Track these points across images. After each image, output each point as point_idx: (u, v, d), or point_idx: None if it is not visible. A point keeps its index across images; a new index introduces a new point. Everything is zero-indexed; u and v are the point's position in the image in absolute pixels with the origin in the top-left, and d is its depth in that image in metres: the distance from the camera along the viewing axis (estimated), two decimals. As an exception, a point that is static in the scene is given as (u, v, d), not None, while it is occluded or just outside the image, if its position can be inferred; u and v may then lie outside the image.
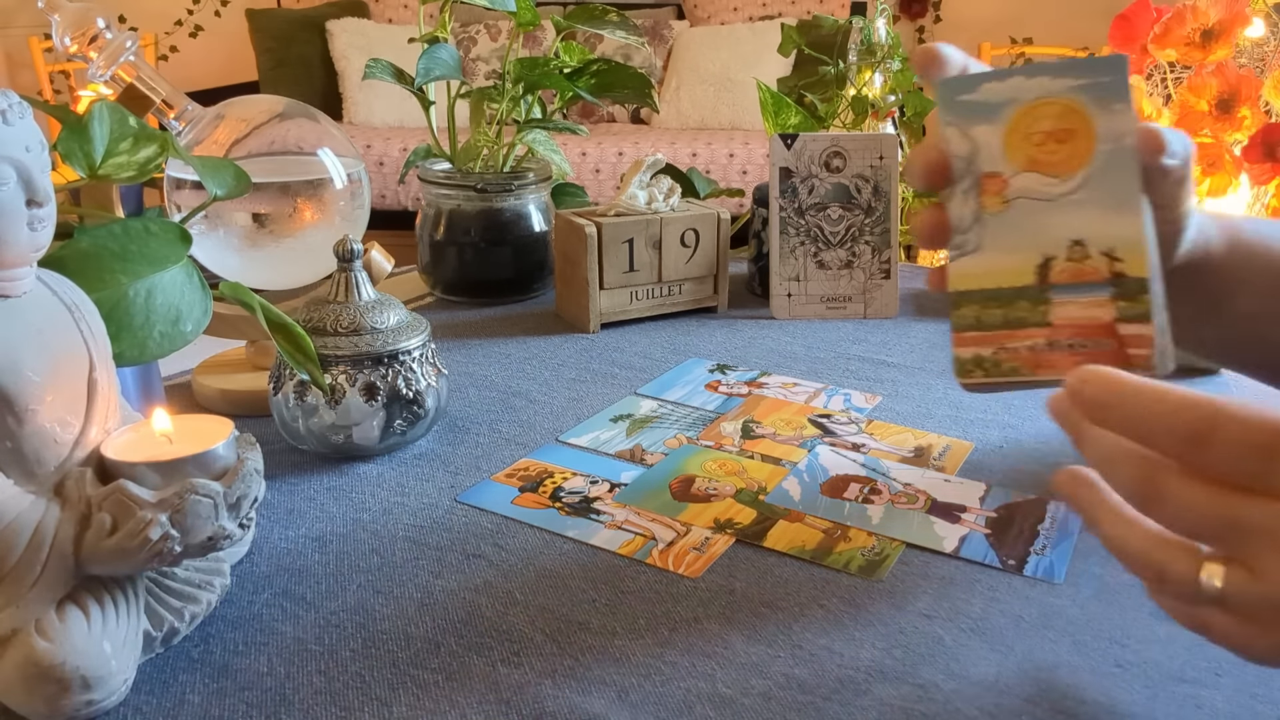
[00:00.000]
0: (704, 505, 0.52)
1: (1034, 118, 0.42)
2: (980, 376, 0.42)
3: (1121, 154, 0.41)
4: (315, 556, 0.47)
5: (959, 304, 0.42)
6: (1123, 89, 0.42)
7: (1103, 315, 0.40)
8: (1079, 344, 0.40)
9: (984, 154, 0.43)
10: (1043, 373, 0.41)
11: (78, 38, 0.59)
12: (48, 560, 0.36)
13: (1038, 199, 0.42)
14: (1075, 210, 0.41)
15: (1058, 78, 0.42)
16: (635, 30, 0.85)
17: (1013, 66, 0.43)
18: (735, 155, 3.33)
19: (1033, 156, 0.42)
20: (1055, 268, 0.41)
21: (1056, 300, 0.41)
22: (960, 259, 0.43)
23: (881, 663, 0.40)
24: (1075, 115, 0.42)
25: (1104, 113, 0.42)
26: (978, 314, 0.42)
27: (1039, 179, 0.42)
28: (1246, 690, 0.38)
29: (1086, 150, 0.42)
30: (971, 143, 0.43)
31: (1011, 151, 0.42)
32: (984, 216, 0.42)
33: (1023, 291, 0.41)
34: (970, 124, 0.43)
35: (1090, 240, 0.41)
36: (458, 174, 0.85)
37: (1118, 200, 0.41)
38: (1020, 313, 0.41)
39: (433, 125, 0.85)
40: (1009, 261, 0.42)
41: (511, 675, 0.39)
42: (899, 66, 0.94)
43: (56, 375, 0.37)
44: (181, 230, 0.48)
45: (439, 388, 0.58)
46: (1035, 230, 0.42)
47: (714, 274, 0.83)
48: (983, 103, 0.43)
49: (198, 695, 0.38)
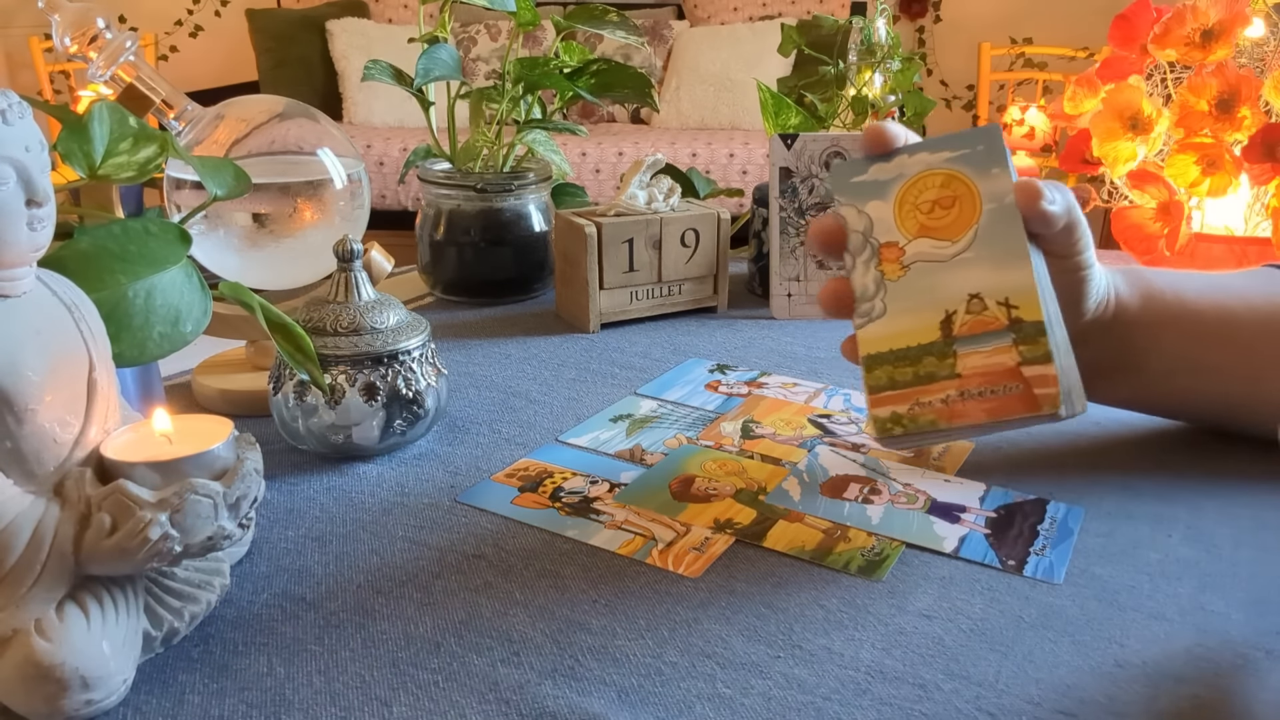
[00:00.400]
0: (704, 505, 0.52)
1: (920, 189, 0.46)
2: (899, 433, 0.44)
3: (1004, 211, 0.45)
4: (315, 556, 0.47)
5: (871, 367, 0.45)
6: (998, 155, 0.45)
7: (1007, 361, 0.43)
8: (988, 390, 0.43)
9: (879, 226, 0.46)
10: (958, 421, 0.43)
11: (78, 38, 0.59)
12: (47, 560, 0.36)
13: (933, 261, 0.45)
14: (969, 267, 0.44)
15: (936, 152, 0.46)
16: (635, 30, 0.85)
17: (896, 149, 0.47)
18: (735, 155, 3.33)
19: (923, 224, 0.46)
20: (957, 321, 0.44)
21: (962, 352, 0.43)
22: (867, 325, 0.45)
23: (881, 663, 0.40)
24: (957, 183, 0.46)
25: (983, 177, 0.45)
26: (890, 374, 0.44)
27: (932, 243, 0.45)
28: (1246, 690, 0.38)
29: (972, 212, 0.45)
30: (867, 218, 0.47)
31: (903, 221, 0.46)
32: (885, 283, 0.45)
33: (929, 348, 0.44)
34: (864, 201, 0.47)
35: (986, 292, 0.44)
36: (458, 174, 0.85)
37: (1006, 253, 0.44)
38: (929, 368, 0.44)
39: (432, 125, 0.85)
40: (913, 321, 0.44)
41: (511, 675, 0.39)
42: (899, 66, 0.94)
43: (56, 375, 0.37)
44: (181, 231, 0.48)
45: (439, 388, 0.58)
46: (934, 289, 0.44)
47: (714, 274, 0.83)
48: (873, 181, 0.47)
49: (198, 695, 0.38)
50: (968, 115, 4.00)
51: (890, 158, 0.47)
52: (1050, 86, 3.69)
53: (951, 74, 4.01)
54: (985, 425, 0.43)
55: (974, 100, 3.93)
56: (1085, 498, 0.53)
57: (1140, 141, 0.82)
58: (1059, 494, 0.53)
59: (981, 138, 0.46)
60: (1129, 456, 0.58)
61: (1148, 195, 0.82)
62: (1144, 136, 0.81)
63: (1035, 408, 0.42)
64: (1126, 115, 0.82)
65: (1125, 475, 0.55)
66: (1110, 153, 0.83)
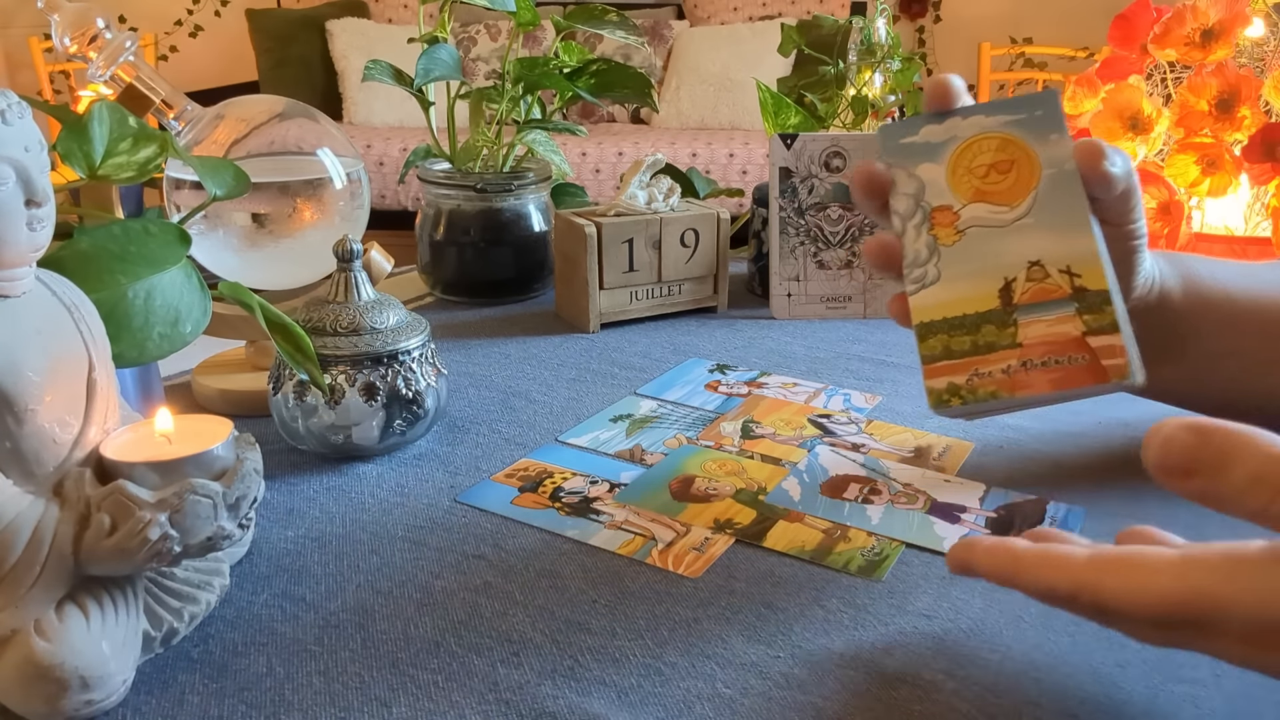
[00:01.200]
0: (704, 505, 0.52)
1: (975, 152, 0.44)
2: (957, 404, 0.42)
3: (1065, 176, 0.43)
4: (315, 556, 0.47)
5: (925, 336, 0.43)
6: (1057, 121, 0.44)
7: (1071, 330, 0.41)
8: (1052, 360, 0.41)
9: (931, 189, 0.44)
10: (1020, 392, 0.41)
11: (77, 38, 0.59)
12: (47, 560, 0.36)
13: (990, 226, 0.43)
14: (1028, 233, 0.43)
15: (992, 115, 0.45)
16: (635, 30, 0.85)
17: (948, 111, 0.45)
18: (735, 155, 3.33)
19: (979, 188, 0.44)
20: (1017, 289, 0.42)
21: (1023, 321, 0.41)
22: (921, 291, 0.43)
23: (881, 663, 0.40)
24: (1014, 147, 0.44)
25: (1041, 143, 0.44)
26: (945, 343, 0.42)
27: (988, 208, 0.43)
28: (1246, 690, 0.38)
29: (1030, 177, 0.43)
30: (917, 180, 0.45)
31: (957, 185, 0.44)
32: (940, 248, 0.44)
33: (988, 316, 0.42)
34: (914, 164, 0.45)
35: (1047, 260, 0.42)
36: (457, 174, 0.85)
37: (1068, 220, 0.42)
38: (989, 337, 0.42)
39: (432, 125, 0.85)
40: (970, 288, 0.43)
41: (511, 675, 0.39)
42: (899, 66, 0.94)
43: (56, 375, 0.37)
44: (181, 231, 0.48)
45: (439, 388, 0.58)
46: (992, 256, 0.43)
47: (714, 274, 0.83)
48: (924, 144, 0.45)
49: (197, 695, 0.38)
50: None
51: (942, 119, 0.45)
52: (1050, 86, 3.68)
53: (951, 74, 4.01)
54: (1049, 396, 0.41)
55: (974, 100, 3.92)
56: (1085, 498, 0.53)
57: (1140, 141, 0.82)
58: (1059, 494, 0.53)
59: (1040, 103, 0.44)
60: (1129, 456, 0.58)
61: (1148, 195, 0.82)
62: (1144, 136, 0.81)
63: (1103, 378, 0.40)
64: (1126, 115, 0.82)
65: (1126, 475, 0.55)
66: (1110, 153, 0.83)
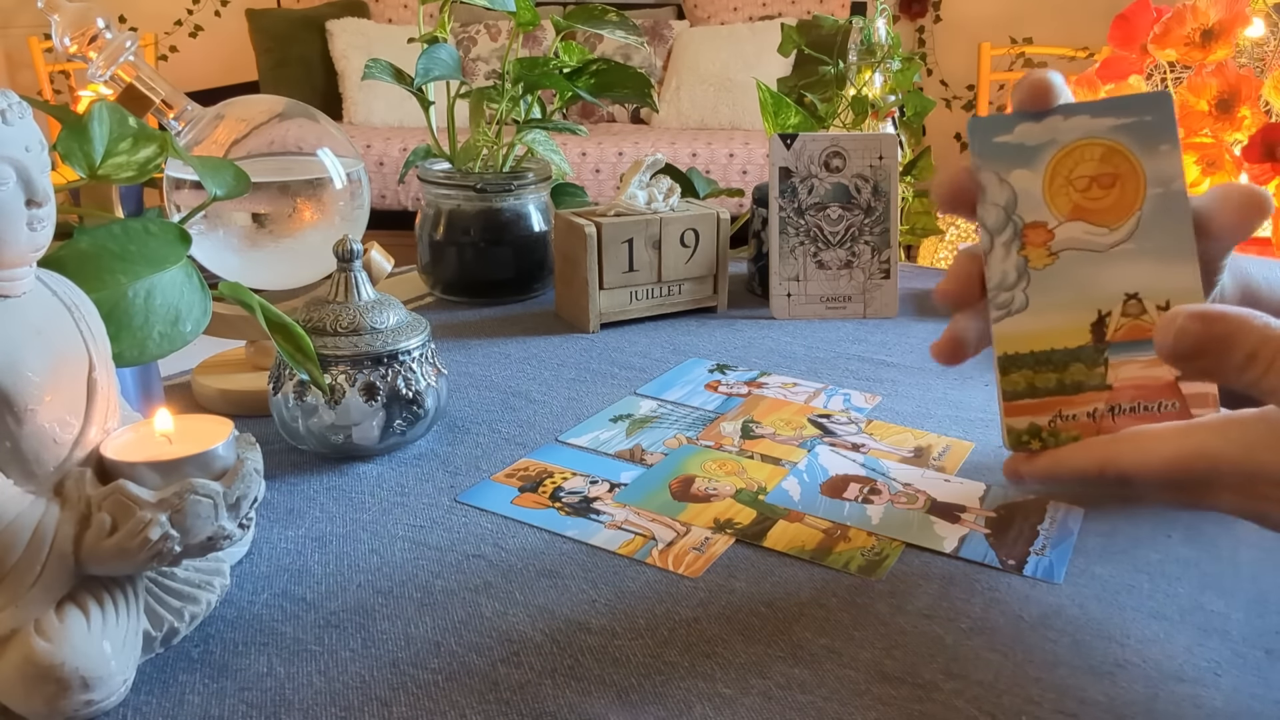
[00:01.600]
0: (704, 505, 0.52)
1: (1076, 160, 0.39)
2: (1037, 446, 0.39)
3: (1171, 198, 0.38)
4: (315, 556, 0.47)
5: (1007, 369, 0.39)
6: (1168, 128, 0.39)
7: (1165, 374, 0.37)
8: (1142, 406, 0.38)
9: (1025, 201, 0.40)
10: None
11: (77, 38, 0.59)
12: (47, 560, 0.36)
13: (1087, 250, 0.39)
14: (1127, 261, 0.38)
15: (1097, 117, 0.40)
16: (635, 30, 0.85)
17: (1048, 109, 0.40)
18: (735, 155, 3.33)
19: (1078, 204, 0.39)
20: (1111, 324, 0.38)
21: (1114, 361, 0.38)
22: (1005, 319, 0.39)
23: (881, 663, 0.40)
24: (1119, 158, 0.39)
25: (1150, 155, 0.39)
26: (1030, 379, 0.39)
27: (1086, 228, 0.39)
28: (1246, 690, 0.38)
29: (1134, 195, 0.39)
30: (1010, 190, 0.40)
31: (1054, 199, 0.39)
32: (1029, 271, 0.39)
33: (1077, 353, 0.38)
34: (1007, 168, 0.40)
35: (1145, 293, 0.38)
36: (457, 174, 0.85)
37: (1171, 249, 0.38)
38: (1077, 376, 0.38)
39: (432, 125, 0.85)
40: (1060, 320, 0.39)
41: (511, 675, 0.39)
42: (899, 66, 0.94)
43: (56, 375, 0.37)
44: (181, 230, 0.48)
45: (439, 388, 0.58)
46: (1087, 285, 0.39)
47: (714, 274, 0.83)
48: (1019, 145, 0.40)
49: (198, 695, 0.38)
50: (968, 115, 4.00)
51: (1041, 118, 0.40)
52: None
53: (951, 74, 4.01)
54: None
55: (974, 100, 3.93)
56: (1085, 497, 0.53)
57: (1140, 141, 0.82)
58: (1059, 494, 0.53)
59: (1151, 106, 0.39)
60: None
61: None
62: (1144, 136, 0.81)
63: None
64: (1126, 115, 0.82)
65: (1125, 475, 0.55)
66: (1110, 153, 0.83)
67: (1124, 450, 0.37)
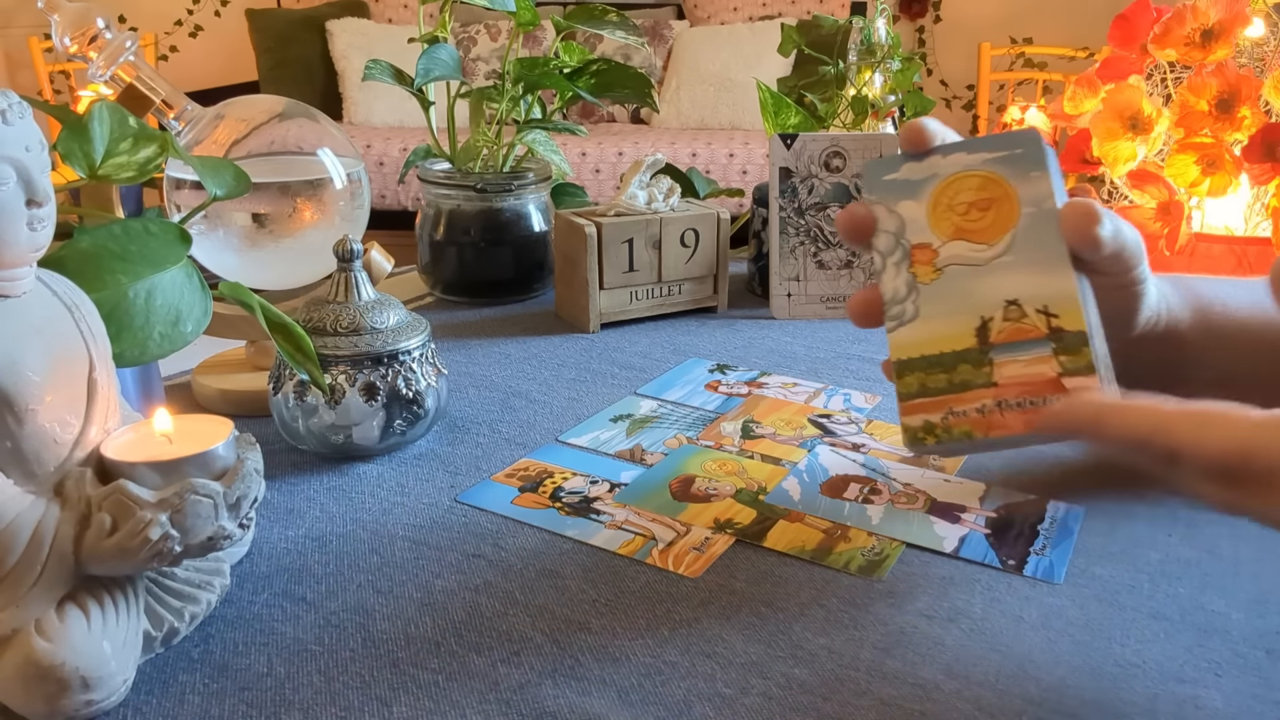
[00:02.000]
0: (704, 505, 0.52)
1: (955, 190, 0.44)
2: (932, 443, 0.42)
3: (1044, 215, 0.43)
4: (315, 556, 0.47)
5: (902, 373, 0.43)
6: (1039, 159, 0.44)
7: (1047, 371, 0.41)
8: (1027, 401, 0.41)
9: (911, 227, 0.45)
10: (995, 433, 0.41)
11: (77, 38, 0.59)
12: (48, 560, 0.36)
13: (969, 264, 0.43)
14: (1006, 272, 0.42)
15: (973, 153, 0.44)
16: (635, 30, 0.85)
17: (931, 148, 0.45)
18: (735, 155, 3.33)
19: (958, 226, 0.44)
20: (994, 328, 0.42)
21: (998, 360, 0.41)
22: (899, 329, 0.44)
23: (881, 663, 0.40)
24: (994, 185, 0.44)
25: (1021, 180, 0.44)
26: (922, 381, 0.42)
27: (967, 246, 0.43)
28: (1246, 690, 0.38)
29: (1010, 215, 0.43)
30: (898, 218, 0.45)
31: (937, 223, 0.44)
32: (918, 286, 0.44)
33: (964, 355, 0.42)
34: (895, 200, 0.45)
35: (1024, 299, 0.42)
36: (458, 174, 0.85)
37: (1046, 259, 0.42)
38: (964, 376, 0.42)
39: (432, 125, 0.85)
40: (947, 326, 0.43)
41: (511, 675, 0.39)
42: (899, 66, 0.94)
43: (56, 375, 0.37)
44: (181, 231, 0.48)
45: (439, 388, 0.58)
46: (969, 294, 0.43)
47: (714, 274, 0.83)
48: (905, 180, 0.45)
49: (198, 695, 0.38)
50: (968, 115, 4.00)
51: (923, 157, 0.45)
52: (1050, 86, 3.69)
53: (951, 74, 4.01)
54: (1024, 438, 0.41)
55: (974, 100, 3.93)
56: (1093, 477, 0.53)
57: (1140, 141, 0.82)
58: (1057, 494, 0.53)
59: (1022, 141, 0.44)
60: (1129, 456, 0.58)
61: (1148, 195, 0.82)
62: (1144, 136, 0.81)
63: None
64: (1126, 115, 0.82)
65: (1125, 474, 0.55)
66: (1110, 153, 0.83)
67: (1181, 425, 0.34)
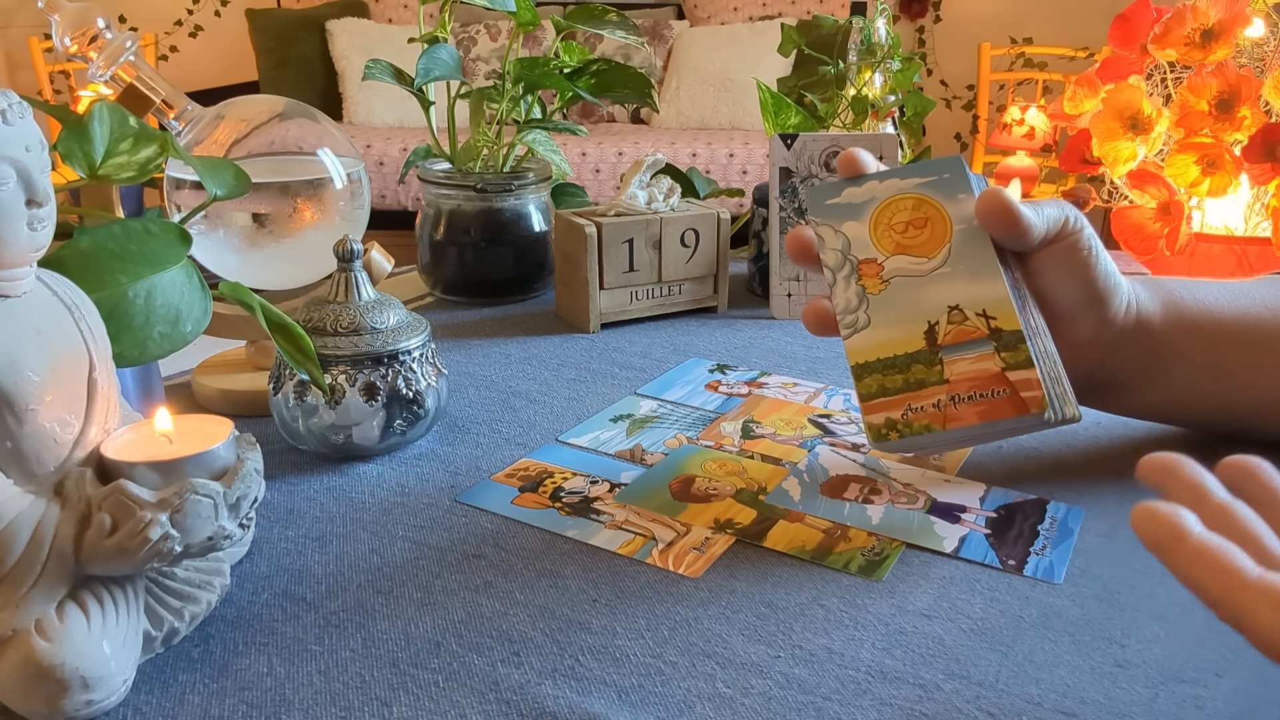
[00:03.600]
0: (704, 505, 0.52)
1: (893, 211, 0.50)
2: (895, 438, 0.45)
3: (974, 230, 0.48)
4: (315, 556, 0.47)
5: (861, 376, 0.47)
6: (962, 182, 0.50)
7: (991, 366, 0.45)
8: (978, 394, 0.45)
9: (856, 244, 0.50)
10: (952, 424, 0.45)
11: (77, 38, 0.59)
12: (47, 560, 0.36)
13: (912, 275, 0.48)
14: (946, 282, 0.47)
15: (905, 179, 0.50)
16: (635, 30, 0.85)
17: (866, 175, 0.51)
18: (735, 155, 3.34)
19: (899, 242, 0.49)
20: (941, 331, 0.46)
21: (948, 360, 0.46)
22: (853, 336, 0.48)
23: (881, 663, 0.40)
24: (928, 205, 0.49)
25: (950, 201, 0.49)
26: (880, 382, 0.46)
27: (909, 260, 0.48)
28: (1246, 690, 0.38)
29: (944, 231, 0.49)
30: (844, 237, 0.50)
31: (880, 240, 0.49)
32: (868, 297, 0.48)
33: (916, 356, 0.46)
34: (840, 222, 0.50)
35: (965, 304, 0.46)
36: (458, 174, 0.85)
37: (980, 269, 0.47)
38: (919, 375, 0.46)
39: (433, 125, 0.85)
40: (898, 331, 0.47)
41: (511, 675, 0.39)
42: (899, 66, 0.94)
43: (56, 375, 0.37)
44: (181, 231, 0.48)
45: (439, 388, 0.58)
46: (915, 302, 0.47)
47: (714, 274, 0.83)
48: (847, 204, 0.51)
49: (198, 695, 0.38)
50: (968, 115, 4.00)
51: (861, 183, 0.51)
52: (1050, 86, 3.69)
53: (951, 74, 4.01)
54: (980, 429, 0.45)
55: (974, 100, 3.93)
56: (1085, 498, 0.53)
57: (1140, 141, 0.82)
58: (1059, 494, 0.53)
59: (946, 167, 0.50)
60: (1129, 456, 0.58)
61: (1148, 195, 0.82)
62: (1144, 136, 0.81)
63: (1024, 409, 0.44)
64: (1126, 115, 0.82)
65: (1125, 475, 0.55)
66: (1110, 153, 0.83)
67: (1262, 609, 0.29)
